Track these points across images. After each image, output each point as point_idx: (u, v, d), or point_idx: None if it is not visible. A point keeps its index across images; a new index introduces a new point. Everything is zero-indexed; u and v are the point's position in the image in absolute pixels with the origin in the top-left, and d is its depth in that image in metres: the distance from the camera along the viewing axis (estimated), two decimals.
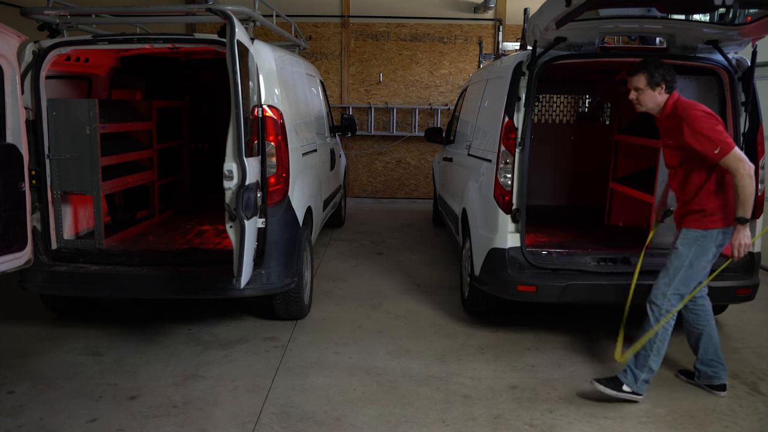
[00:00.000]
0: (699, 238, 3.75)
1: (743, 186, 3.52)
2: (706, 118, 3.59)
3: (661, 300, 3.80)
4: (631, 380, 3.81)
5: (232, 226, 4.01)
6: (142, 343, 4.68)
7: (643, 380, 3.81)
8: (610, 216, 6.11)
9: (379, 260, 7.22)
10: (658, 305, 3.80)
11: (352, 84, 11.61)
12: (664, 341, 3.81)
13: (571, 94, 7.13)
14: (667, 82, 3.72)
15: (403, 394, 3.94)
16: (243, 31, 4.10)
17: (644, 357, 3.80)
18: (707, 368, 4.02)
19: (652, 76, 3.70)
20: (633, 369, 3.82)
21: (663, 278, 3.83)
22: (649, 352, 3.80)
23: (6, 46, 4.05)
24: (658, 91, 3.73)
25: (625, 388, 3.81)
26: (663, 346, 3.82)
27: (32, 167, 4.44)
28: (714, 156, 3.54)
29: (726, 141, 3.53)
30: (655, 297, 3.82)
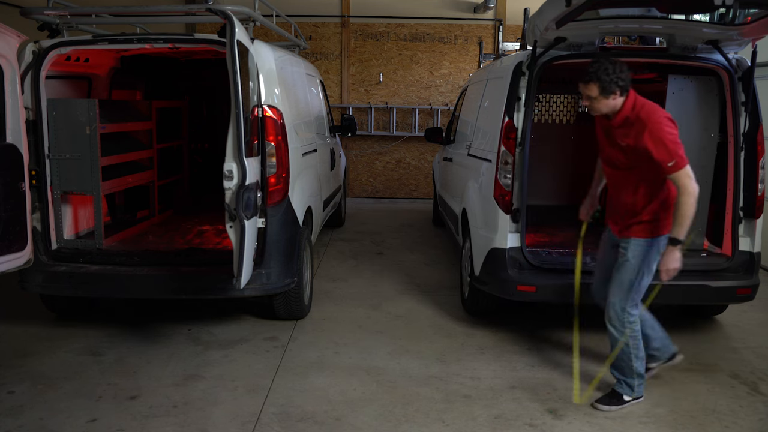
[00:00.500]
0: (648, 246, 3.66)
1: (685, 203, 3.40)
2: (669, 127, 3.47)
3: (621, 317, 3.74)
4: (628, 390, 3.81)
5: (232, 226, 4.01)
6: (142, 343, 4.68)
7: (638, 385, 3.81)
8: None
9: (379, 260, 7.22)
10: (621, 322, 3.74)
11: (352, 84, 11.61)
12: (638, 345, 3.77)
13: (571, 94, 7.11)
14: (621, 88, 3.52)
15: (403, 394, 3.94)
16: (243, 31, 4.10)
17: (628, 366, 3.78)
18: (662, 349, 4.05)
19: (604, 86, 3.49)
20: (624, 379, 3.81)
21: (617, 294, 3.74)
22: (631, 361, 3.76)
23: (6, 46, 4.05)
24: (612, 98, 3.54)
25: (627, 398, 3.81)
26: (640, 348, 3.78)
27: (32, 167, 4.44)
28: (666, 168, 3.42)
29: (681, 155, 3.42)
30: (614, 316, 3.76)
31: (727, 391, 4.05)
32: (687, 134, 4.84)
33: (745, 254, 4.64)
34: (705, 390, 4.06)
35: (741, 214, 4.64)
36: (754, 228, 4.66)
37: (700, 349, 4.70)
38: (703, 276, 4.61)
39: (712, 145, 4.84)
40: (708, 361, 4.49)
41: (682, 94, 4.83)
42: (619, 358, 3.79)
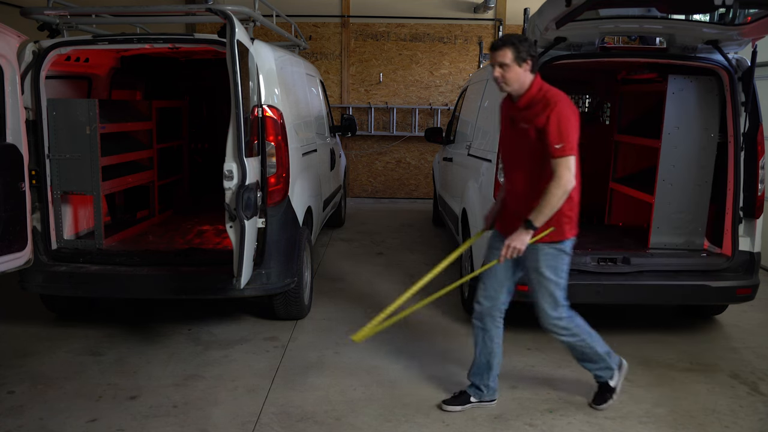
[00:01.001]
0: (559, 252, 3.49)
1: (554, 194, 3.24)
2: (574, 113, 3.33)
3: (561, 322, 3.60)
4: (608, 373, 3.75)
5: (232, 226, 4.02)
6: (142, 343, 4.68)
7: (612, 358, 3.74)
8: (610, 216, 6.11)
9: (379, 260, 7.22)
10: (563, 327, 3.61)
11: (352, 84, 11.61)
12: (588, 331, 3.66)
13: (571, 94, 7.12)
14: (532, 59, 3.37)
15: (403, 394, 3.94)
16: (243, 31, 4.10)
17: (594, 353, 3.69)
18: (494, 383, 3.81)
19: (519, 50, 3.33)
20: (599, 367, 3.73)
21: (547, 304, 3.58)
22: (594, 347, 3.67)
23: (6, 46, 4.05)
24: (524, 68, 3.35)
25: (614, 383, 3.76)
26: (590, 333, 3.67)
27: (32, 167, 4.44)
28: (553, 150, 3.24)
29: (573, 145, 3.26)
30: (554, 326, 3.62)
31: (727, 391, 4.05)
32: (687, 134, 4.86)
33: (745, 254, 4.64)
34: (705, 390, 4.06)
35: (741, 214, 4.64)
36: (754, 228, 4.66)
37: (700, 349, 4.70)
38: (703, 276, 4.62)
39: (712, 145, 4.84)
40: (708, 361, 4.49)
41: (682, 94, 4.83)
42: (581, 353, 3.70)
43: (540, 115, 3.32)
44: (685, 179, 4.89)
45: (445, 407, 3.76)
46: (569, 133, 3.28)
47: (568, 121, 3.29)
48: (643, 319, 5.39)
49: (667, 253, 4.88)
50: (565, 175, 3.25)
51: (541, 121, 3.30)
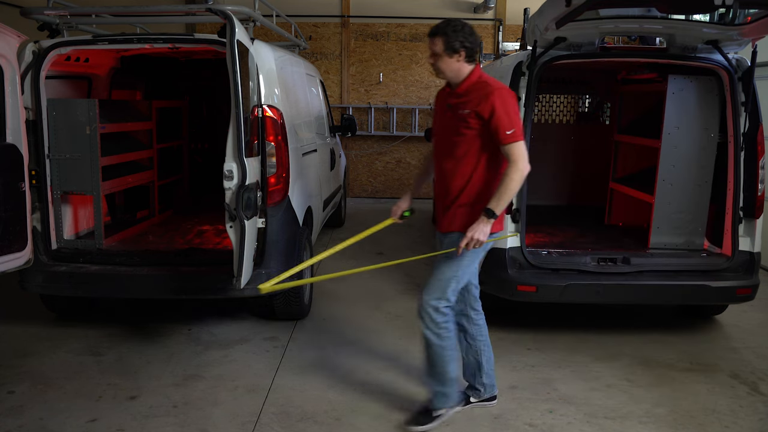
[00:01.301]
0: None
1: (513, 179, 3.18)
2: (512, 98, 3.28)
3: (434, 315, 3.41)
4: (442, 401, 3.56)
5: (232, 226, 4.02)
6: (142, 343, 4.67)
7: (455, 392, 3.58)
8: (610, 216, 6.11)
9: (379, 260, 7.21)
10: (434, 321, 3.42)
11: (352, 84, 11.61)
12: (453, 346, 3.50)
13: (571, 94, 7.13)
14: (467, 50, 3.27)
15: (403, 395, 3.94)
16: (243, 31, 4.10)
17: (443, 371, 3.49)
18: (490, 380, 3.77)
19: (450, 40, 3.25)
20: (440, 390, 3.55)
21: (431, 292, 3.41)
22: (446, 365, 3.48)
23: (6, 46, 4.05)
24: (455, 59, 3.28)
25: (441, 411, 3.57)
26: (455, 349, 3.51)
27: (32, 167, 4.44)
28: (504, 136, 3.18)
29: (521, 130, 3.24)
30: (428, 314, 3.42)
31: (727, 391, 4.05)
32: (687, 134, 4.86)
33: (745, 254, 4.64)
34: (705, 390, 4.06)
35: (741, 214, 4.64)
36: (754, 228, 4.66)
37: (700, 349, 4.70)
38: (703, 276, 4.62)
39: (712, 145, 4.84)
40: (708, 361, 4.49)
41: (682, 94, 4.83)
42: (433, 363, 3.49)
43: (483, 102, 3.22)
44: (685, 179, 4.90)
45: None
46: (517, 119, 3.25)
47: (514, 107, 3.26)
48: (643, 319, 5.39)
49: (667, 253, 4.88)
50: (521, 159, 3.21)
51: (485, 108, 3.21)
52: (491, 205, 3.22)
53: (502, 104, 3.21)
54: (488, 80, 3.34)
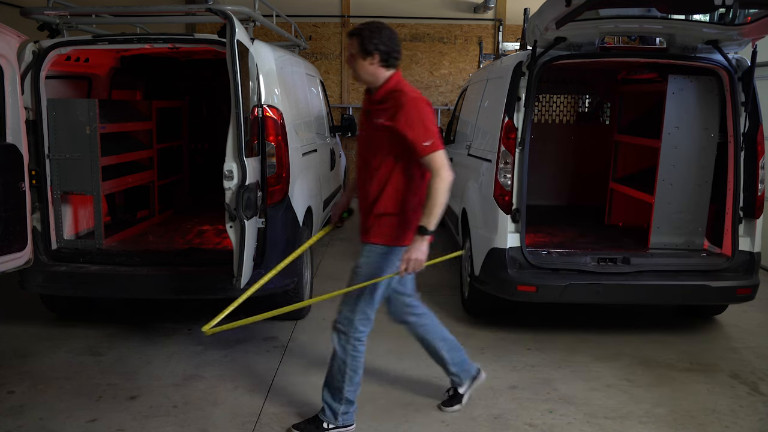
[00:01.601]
0: (384, 255, 3.30)
1: (438, 189, 3.04)
2: (427, 108, 3.19)
3: (346, 327, 3.33)
4: (331, 417, 3.40)
5: (232, 226, 4.02)
6: (142, 343, 4.67)
7: (343, 413, 3.40)
8: (610, 216, 6.11)
9: None
10: (345, 333, 3.33)
11: (352, 84, 11.60)
12: (356, 369, 3.36)
13: (571, 94, 7.13)
14: (382, 53, 3.19)
15: (402, 394, 3.94)
16: (243, 31, 4.10)
17: (338, 390, 3.36)
18: (460, 368, 3.70)
19: (364, 43, 3.18)
20: (330, 404, 3.40)
21: (347, 305, 3.35)
22: (344, 383, 3.34)
23: (6, 46, 4.05)
24: (369, 62, 3.20)
25: (327, 425, 3.41)
26: (356, 373, 3.37)
27: (32, 167, 4.44)
28: (421, 148, 3.06)
29: (438, 139, 3.11)
30: (341, 324, 3.36)
31: (727, 391, 4.05)
32: (687, 134, 4.86)
33: (745, 254, 4.64)
34: (705, 390, 4.06)
35: (741, 214, 4.64)
36: (754, 228, 4.66)
37: (700, 349, 4.70)
38: (703, 276, 4.62)
39: (712, 145, 4.84)
40: (708, 361, 4.49)
41: (682, 94, 4.83)
42: (332, 376, 3.38)
43: (396, 113, 3.13)
44: (685, 179, 4.90)
45: (444, 408, 3.75)
46: (431, 126, 3.13)
47: (429, 116, 3.16)
48: (643, 319, 5.39)
49: (667, 253, 4.88)
50: (443, 168, 3.07)
51: (399, 120, 3.11)
52: (423, 221, 3.08)
53: (417, 115, 3.11)
54: (404, 89, 3.23)
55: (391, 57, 3.23)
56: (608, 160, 6.13)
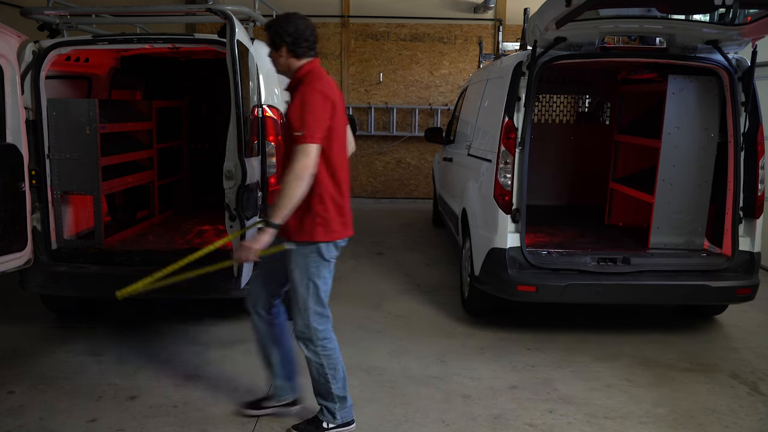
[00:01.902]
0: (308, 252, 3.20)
1: (287, 183, 2.97)
2: (318, 99, 3.07)
3: (308, 334, 3.29)
4: (329, 416, 3.41)
5: (232, 226, 4.01)
6: (142, 343, 4.67)
7: (341, 409, 3.41)
8: (610, 216, 6.11)
9: (379, 260, 7.22)
10: (309, 340, 3.30)
11: (352, 84, 11.61)
12: (335, 366, 3.36)
13: (571, 94, 7.13)
14: (288, 45, 3.18)
15: (403, 394, 3.94)
16: (243, 31, 4.10)
17: (327, 391, 3.37)
18: (287, 381, 3.64)
19: (272, 36, 3.22)
20: (325, 404, 3.41)
21: (297, 313, 3.29)
22: (329, 384, 3.35)
23: (6, 46, 4.05)
24: (279, 54, 3.21)
25: (327, 425, 3.42)
26: (337, 370, 3.36)
27: (32, 167, 4.44)
28: (295, 137, 3.02)
29: (313, 133, 3.01)
30: (302, 333, 3.30)
31: (727, 391, 4.05)
32: (687, 134, 4.86)
33: (745, 254, 4.64)
34: (705, 390, 4.06)
35: (741, 214, 4.64)
36: (754, 228, 4.66)
37: (700, 349, 4.70)
38: (703, 276, 4.62)
39: (712, 145, 4.84)
40: (708, 361, 4.49)
41: (682, 94, 4.83)
42: (315, 380, 3.39)
43: (293, 100, 3.13)
44: (685, 179, 4.90)
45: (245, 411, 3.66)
46: (311, 117, 3.03)
47: (315, 108, 3.05)
48: (643, 319, 5.39)
49: (667, 253, 4.88)
50: (299, 163, 2.97)
51: (290, 107, 3.12)
52: (271, 214, 3.02)
53: (301, 104, 3.05)
54: (309, 79, 3.16)
55: (299, 47, 3.20)
56: (608, 160, 6.14)
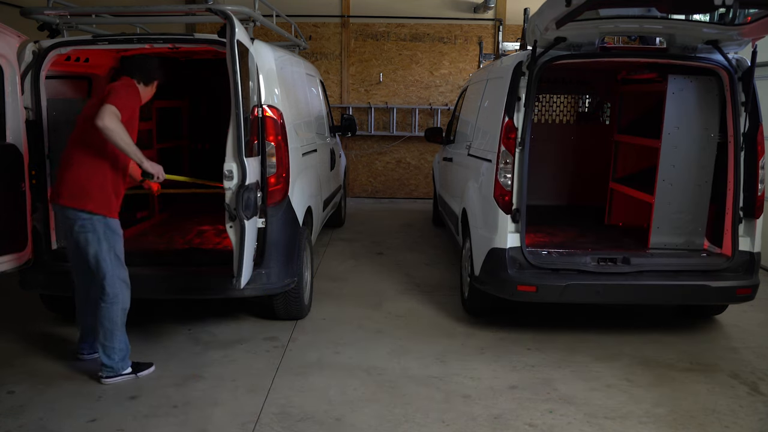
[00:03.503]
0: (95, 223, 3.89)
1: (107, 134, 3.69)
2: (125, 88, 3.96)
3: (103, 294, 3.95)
4: (107, 371, 4.01)
5: (232, 226, 4.01)
6: (142, 343, 4.67)
7: (121, 360, 4.02)
8: (610, 216, 6.11)
9: (379, 260, 7.22)
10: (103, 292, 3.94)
11: (352, 84, 11.61)
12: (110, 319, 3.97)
13: (571, 94, 7.13)
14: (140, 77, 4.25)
15: (403, 394, 3.94)
16: (243, 31, 4.10)
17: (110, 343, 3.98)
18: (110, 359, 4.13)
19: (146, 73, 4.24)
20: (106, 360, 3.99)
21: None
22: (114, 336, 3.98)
23: (6, 46, 4.05)
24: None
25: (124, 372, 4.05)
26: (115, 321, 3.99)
27: (32, 167, 4.44)
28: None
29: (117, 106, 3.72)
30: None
31: (727, 391, 4.05)
32: (687, 134, 4.86)
33: (745, 254, 4.64)
34: (705, 390, 4.06)
35: (741, 214, 4.64)
36: (754, 228, 4.66)
37: (700, 349, 4.70)
38: (703, 276, 4.62)
39: (712, 145, 4.84)
40: (708, 361, 4.49)
41: (682, 94, 4.83)
42: (102, 334, 3.98)
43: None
44: (685, 179, 4.90)
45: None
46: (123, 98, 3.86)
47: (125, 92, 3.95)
48: (643, 319, 5.39)
49: (667, 253, 4.88)
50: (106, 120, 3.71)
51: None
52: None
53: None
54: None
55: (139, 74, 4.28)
56: (608, 160, 6.13)
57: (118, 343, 4.00)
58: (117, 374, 4.03)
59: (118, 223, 4.05)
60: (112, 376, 4.01)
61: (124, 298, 4.02)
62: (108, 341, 3.98)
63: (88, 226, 3.87)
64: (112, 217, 3.97)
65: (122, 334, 4.03)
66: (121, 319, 4.02)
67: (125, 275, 4.04)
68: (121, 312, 4.01)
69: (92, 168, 3.91)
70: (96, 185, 3.90)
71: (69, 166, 3.93)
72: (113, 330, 3.97)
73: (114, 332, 3.98)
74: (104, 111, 3.66)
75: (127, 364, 4.06)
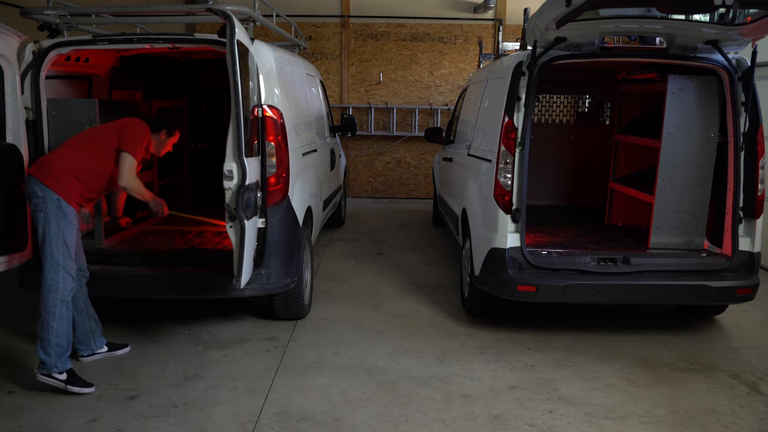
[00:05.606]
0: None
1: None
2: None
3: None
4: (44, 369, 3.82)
5: (232, 226, 4.01)
6: (142, 343, 4.67)
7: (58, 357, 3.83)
8: (610, 216, 6.11)
9: (379, 260, 7.22)
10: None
11: (352, 84, 11.61)
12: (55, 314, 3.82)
13: (571, 94, 7.13)
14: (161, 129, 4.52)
15: (403, 394, 3.94)
16: (243, 31, 4.10)
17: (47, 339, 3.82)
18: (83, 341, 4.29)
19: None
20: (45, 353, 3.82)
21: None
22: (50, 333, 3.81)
23: (6, 46, 4.05)
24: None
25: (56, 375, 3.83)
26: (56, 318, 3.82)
27: None
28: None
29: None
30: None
31: (727, 391, 4.05)
32: (687, 134, 4.86)
33: (745, 254, 4.64)
34: (705, 390, 4.06)
35: (741, 214, 4.64)
36: (754, 228, 4.66)
37: (700, 349, 4.70)
38: (703, 276, 4.62)
39: (712, 145, 4.84)
40: (708, 361, 4.49)
41: (682, 94, 4.83)
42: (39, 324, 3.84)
43: None
44: (685, 179, 4.90)
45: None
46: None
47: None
48: (643, 319, 5.39)
49: (667, 253, 4.88)
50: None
51: None
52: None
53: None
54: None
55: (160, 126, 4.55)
56: (608, 160, 6.13)
57: (55, 337, 3.79)
58: (49, 373, 3.81)
59: (75, 212, 3.95)
60: (45, 373, 3.81)
61: (64, 289, 3.83)
62: (43, 332, 3.79)
63: (41, 205, 3.84)
64: (68, 203, 3.90)
65: (60, 328, 3.81)
66: (60, 311, 3.80)
67: (70, 266, 3.87)
68: (60, 303, 3.81)
69: (77, 164, 4.00)
70: (68, 173, 3.93)
71: (58, 152, 4.09)
72: (48, 321, 3.78)
73: (49, 323, 3.78)
74: (125, 168, 4.10)
75: (64, 365, 3.84)
